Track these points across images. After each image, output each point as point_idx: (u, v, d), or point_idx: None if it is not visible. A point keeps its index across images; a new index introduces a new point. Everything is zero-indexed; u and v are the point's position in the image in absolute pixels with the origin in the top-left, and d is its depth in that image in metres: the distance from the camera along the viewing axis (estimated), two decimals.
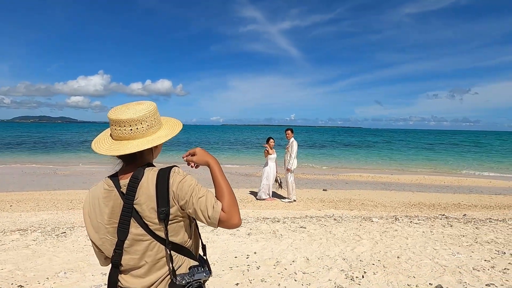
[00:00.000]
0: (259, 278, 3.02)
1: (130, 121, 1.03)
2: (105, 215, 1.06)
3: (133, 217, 1.02)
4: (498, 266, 3.28)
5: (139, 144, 1.03)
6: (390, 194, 8.83)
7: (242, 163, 17.27)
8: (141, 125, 1.05)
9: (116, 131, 1.05)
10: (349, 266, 3.30)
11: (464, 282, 2.92)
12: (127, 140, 1.05)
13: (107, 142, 1.08)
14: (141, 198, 1.01)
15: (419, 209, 6.89)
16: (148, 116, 1.06)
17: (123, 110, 1.06)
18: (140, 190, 1.02)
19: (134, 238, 1.04)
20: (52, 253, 3.67)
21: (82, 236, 4.31)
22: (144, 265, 1.05)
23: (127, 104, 1.10)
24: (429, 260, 3.46)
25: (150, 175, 1.03)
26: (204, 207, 1.02)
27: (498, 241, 4.15)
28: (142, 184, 1.02)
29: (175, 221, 1.05)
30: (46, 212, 6.09)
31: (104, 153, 1.04)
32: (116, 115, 1.04)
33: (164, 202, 1.00)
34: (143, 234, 1.03)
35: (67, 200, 7.32)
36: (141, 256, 1.05)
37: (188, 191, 1.03)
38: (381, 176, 12.72)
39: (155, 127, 1.08)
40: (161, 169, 1.05)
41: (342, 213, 6.24)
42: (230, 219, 1.03)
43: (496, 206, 7.34)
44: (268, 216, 5.65)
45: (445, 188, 10.15)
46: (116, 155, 1.06)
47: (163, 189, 1.01)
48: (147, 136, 1.06)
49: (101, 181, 1.10)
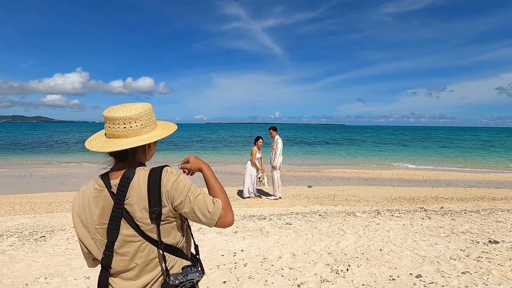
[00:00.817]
0: (247, 275, 3.04)
1: (124, 119, 1.03)
2: (95, 216, 1.04)
3: (124, 217, 1.00)
4: (473, 255, 3.46)
5: (132, 142, 1.03)
6: (373, 189, 9.10)
7: (227, 161, 17.22)
8: (135, 123, 1.05)
9: (110, 129, 1.05)
10: (334, 260, 3.38)
11: (441, 271, 3.07)
12: (120, 138, 1.04)
13: (101, 140, 1.08)
14: (132, 198, 1.00)
15: (399, 203, 7.14)
16: (143, 116, 1.06)
17: (118, 108, 1.06)
18: (131, 190, 1.00)
19: (124, 239, 1.02)
20: (31, 258, 3.52)
21: (62, 240, 4.16)
22: (135, 267, 1.03)
23: (123, 104, 1.10)
24: (409, 251, 3.60)
25: (142, 175, 1.02)
26: (203, 204, 1.03)
27: (472, 231, 4.38)
28: (133, 184, 1.00)
29: (167, 221, 1.04)
30: (23, 216, 5.83)
31: (97, 150, 1.03)
32: (110, 113, 1.04)
33: (156, 202, 0.99)
34: (134, 235, 1.01)
35: (45, 202, 7.04)
36: (131, 258, 1.03)
37: (184, 191, 1.02)
38: (363, 172, 13.08)
39: (149, 127, 1.08)
40: (153, 169, 1.05)
41: (327, 208, 6.37)
42: (226, 216, 1.05)
43: (470, 198, 7.73)
44: (254, 214, 5.68)
45: (423, 182, 10.57)
46: (108, 152, 1.06)
47: (155, 189, 1.00)
48: (140, 135, 1.06)
49: (91, 180, 1.08)
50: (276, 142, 7.46)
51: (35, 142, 31.86)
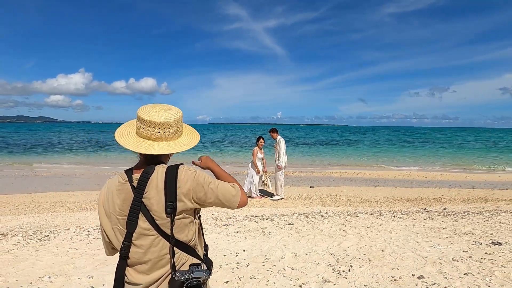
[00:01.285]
0: (249, 275, 3.05)
1: (160, 124, 1.11)
2: (117, 207, 1.11)
3: (142, 211, 1.07)
4: (475, 256, 3.45)
5: (165, 147, 1.12)
6: (375, 190, 9.08)
7: (229, 162, 17.24)
8: (169, 130, 1.13)
9: (145, 131, 1.12)
10: (336, 261, 3.38)
11: (444, 272, 3.06)
12: (153, 141, 1.12)
13: (132, 137, 1.14)
14: (151, 192, 1.07)
15: (402, 204, 7.13)
16: (176, 123, 1.15)
17: (154, 113, 1.12)
18: (149, 185, 1.07)
19: (141, 232, 1.09)
20: (35, 258, 3.56)
21: (66, 239, 4.20)
22: (148, 261, 1.09)
23: (156, 106, 1.16)
24: (411, 252, 3.60)
25: (160, 171, 1.10)
26: (226, 191, 1.14)
27: (475, 232, 4.36)
28: (152, 179, 1.08)
29: (180, 217, 1.09)
30: (27, 216, 5.89)
31: (131, 148, 1.11)
32: (149, 117, 1.11)
33: (172, 197, 1.06)
34: (149, 229, 1.07)
35: (49, 202, 7.10)
36: (145, 251, 1.09)
37: (205, 183, 1.12)
38: (366, 172, 13.05)
39: (178, 133, 1.18)
40: (170, 166, 1.12)
41: (329, 209, 6.37)
42: (243, 197, 1.18)
43: (473, 200, 7.69)
44: (256, 214, 5.69)
45: (426, 183, 10.52)
46: (139, 152, 1.12)
47: (172, 184, 1.07)
48: (171, 140, 1.15)
49: (117, 174, 1.17)
50: (279, 142, 7.48)
51: (39, 142, 32.10)
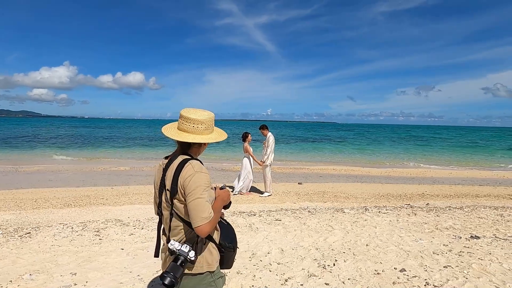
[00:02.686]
0: (235, 271, 3.06)
1: (194, 120, 1.43)
2: (156, 181, 1.51)
3: (164, 187, 1.42)
4: (455, 250, 3.58)
5: (195, 138, 1.43)
6: (361, 186, 9.25)
7: (218, 158, 17.17)
8: (201, 125, 1.44)
9: (182, 125, 1.45)
10: (322, 255, 3.44)
11: (425, 265, 3.16)
12: (187, 133, 1.44)
13: (173, 130, 1.48)
14: (168, 175, 1.41)
15: (387, 200, 7.29)
16: (207, 121, 1.46)
17: (193, 112, 1.45)
18: (169, 170, 1.41)
19: (163, 204, 1.45)
20: (16, 255, 3.46)
21: (48, 236, 4.10)
22: (167, 228, 1.46)
23: (196, 109, 1.49)
24: (394, 246, 3.69)
25: (177, 160, 1.41)
26: (202, 208, 1.31)
27: (455, 227, 4.52)
28: (172, 165, 1.41)
29: (178, 199, 1.38)
30: (7, 213, 5.71)
31: (170, 136, 1.44)
32: (187, 114, 1.44)
33: (175, 181, 1.36)
34: (167, 202, 1.42)
35: (31, 199, 6.89)
36: (165, 220, 1.47)
37: (192, 187, 1.33)
38: (353, 169, 13.26)
39: (208, 130, 1.47)
40: (184, 158, 1.41)
41: (316, 205, 6.45)
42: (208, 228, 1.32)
43: (455, 195, 7.95)
44: (244, 210, 5.70)
45: (411, 180, 10.80)
46: (176, 140, 1.45)
47: (177, 172, 1.37)
48: (202, 134, 1.45)
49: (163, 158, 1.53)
50: (268, 139, 7.49)
51: (21, 137, 31.05)
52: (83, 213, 5.74)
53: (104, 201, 6.80)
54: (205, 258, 1.42)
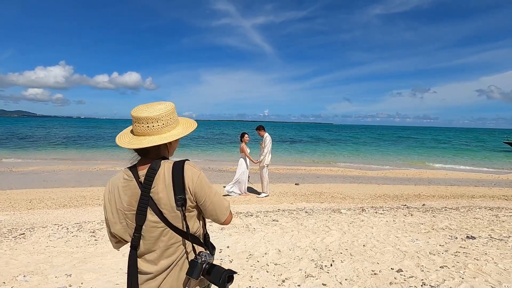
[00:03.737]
0: None
1: (147, 119, 1.16)
2: (124, 203, 1.17)
3: (149, 205, 1.13)
4: (451, 250, 3.60)
5: (153, 140, 1.16)
6: (358, 187, 9.28)
7: (216, 159, 17.14)
8: (157, 123, 1.17)
9: (136, 127, 1.18)
10: (319, 256, 3.43)
11: (421, 265, 3.17)
12: (144, 136, 1.17)
13: (128, 137, 1.21)
14: (158, 187, 1.13)
15: (383, 200, 7.32)
16: (164, 116, 1.18)
17: (143, 109, 1.19)
18: (157, 180, 1.13)
19: (150, 225, 1.15)
20: (9, 256, 3.41)
21: (43, 237, 4.05)
22: (157, 249, 1.16)
23: (149, 104, 1.22)
24: (391, 247, 3.70)
25: (166, 166, 1.15)
26: (221, 203, 1.22)
27: (451, 227, 4.54)
28: (159, 175, 1.13)
29: (188, 210, 1.17)
30: (1, 213, 5.64)
31: (124, 146, 1.17)
32: (136, 113, 1.17)
33: (181, 190, 1.13)
34: (158, 221, 1.14)
35: (25, 199, 6.82)
36: (155, 242, 1.16)
37: (205, 187, 1.19)
38: (350, 170, 13.30)
39: (170, 125, 1.20)
40: (176, 162, 1.18)
41: (313, 205, 6.45)
42: (231, 215, 1.27)
43: (451, 196, 8.01)
44: (241, 211, 5.69)
45: (407, 181, 10.86)
46: (133, 149, 1.18)
47: (179, 178, 1.13)
48: (161, 133, 1.18)
49: (120, 171, 1.21)
50: (264, 140, 7.49)
51: (15, 137, 30.72)
52: (79, 213, 5.69)
53: (99, 201, 6.74)
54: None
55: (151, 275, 1.16)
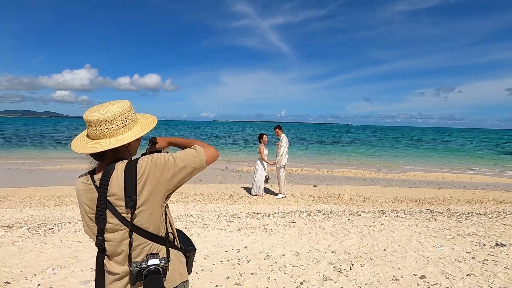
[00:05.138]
0: (250, 272, 3.06)
1: (100, 122, 1.09)
2: (86, 206, 1.14)
3: (108, 208, 1.08)
4: (479, 257, 3.42)
5: (107, 144, 1.09)
6: (378, 189, 9.03)
7: (233, 159, 17.27)
8: (111, 125, 1.10)
9: (89, 131, 1.12)
10: (338, 259, 3.38)
11: (446, 272, 3.04)
12: (98, 139, 1.11)
13: (83, 141, 1.15)
14: (113, 190, 1.08)
15: (405, 204, 7.08)
16: (118, 117, 1.11)
17: (95, 111, 1.12)
18: (111, 183, 1.08)
19: (111, 228, 1.11)
20: (40, 250, 3.61)
21: (70, 232, 4.25)
22: (122, 252, 1.12)
23: (101, 104, 1.15)
24: (413, 252, 3.58)
25: (119, 168, 1.09)
26: (187, 155, 1.14)
27: (479, 233, 4.32)
28: (113, 177, 1.08)
29: (146, 208, 1.10)
30: (32, 209, 5.97)
31: (78, 151, 1.11)
32: (88, 116, 1.10)
33: (131, 191, 1.06)
34: (118, 224, 1.09)
35: (53, 196, 7.18)
36: (118, 244, 1.12)
37: (165, 162, 1.11)
38: (369, 172, 12.98)
39: (126, 126, 1.13)
40: (130, 161, 1.11)
41: (331, 207, 6.35)
42: (209, 150, 1.18)
43: (478, 201, 7.62)
44: (258, 212, 5.70)
45: (430, 184, 10.44)
46: (88, 153, 1.13)
47: (131, 178, 1.07)
48: (117, 135, 1.12)
49: (83, 176, 1.18)
50: (281, 141, 7.47)
51: (44, 136, 32.42)
52: None
53: None
54: (177, 268, 1.20)
55: (118, 276, 1.14)
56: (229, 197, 7.56)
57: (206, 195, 7.68)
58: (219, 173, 11.51)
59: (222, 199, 7.32)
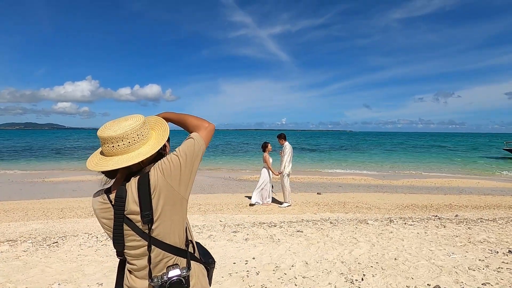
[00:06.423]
0: (259, 284, 2.99)
1: (112, 139, 1.07)
2: (105, 225, 1.14)
3: (128, 225, 1.07)
4: (492, 265, 3.35)
5: (118, 161, 1.06)
6: (383, 196, 8.94)
7: (235, 168, 17.22)
8: (122, 142, 1.07)
9: (104, 148, 1.10)
10: (348, 269, 3.31)
11: (460, 282, 2.97)
12: (110, 156, 1.09)
13: (96, 157, 1.13)
14: (131, 208, 1.06)
15: (412, 211, 6.99)
16: (130, 133, 1.08)
17: (108, 127, 1.09)
18: (128, 201, 1.06)
19: (131, 246, 1.10)
20: (45, 264, 3.55)
21: (75, 246, 4.19)
22: (144, 267, 1.11)
23: (115, 120, 1.14)
24: (425, 261, 3.50)
25: (133, 184, 1.07)
26: (187, 146, 1.13)
27: (490, 240, 4.24)
28: (128, 195, 1.06)
29: (162, 220, 1.08)
30: (36, 222, 5.92)
31: (91, 168, 1.09)
32: (101, 133, 1.08)
33: (147, 206, 1.04)
34: (139, 240, 1.08)
35: (57, 208, 7.13)
36: (139, 259, 1.11)
37: (169, 162, 1.09)
38: (373, 178, 12.89)
39: (138, 143, 1.10)
40: (142, 175, 1.08)
41: (338, 216, 6.28)
42: (204, 127, 1.20)
43: (486, 206, 7.52)
44: (264, 221, 5.63)
45: (436, 189, 10.34)
46: (100, 171, 1.10)
47: (145, 193, 1.04)
48: (128, 152, 1.09)
49: (99, 192, 1.15)
50: (284, 149, 7.44)
51: (46, 148, 32.50)
52: None
53: None
54: (200, 281, 1.17)
55: None
56: (233, 206, 7.49)
57: (210, 205, 7.61)
58: (222, 183, 11.45)
59: (227, 208, 7.25)
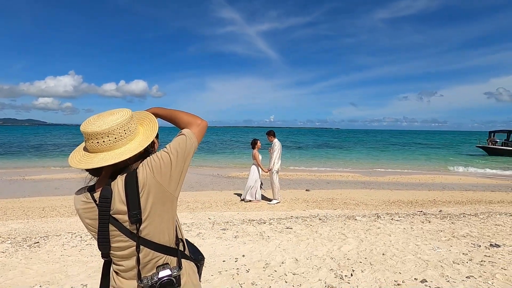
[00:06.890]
0: (250, 282, 2.97)
1: (96, 134, 0.99)
2: (89, 226, 1.07)
3: (115, 226, 1.01)
4: (475, 259, 3.45)
5: (103, 159, 0.99)
6: (370, 192, 9.11)
7: (224, 165, 17.12)
8: (108, 138, 1.00)
9: (87, 144, 1.03)
10: (338, 265, 3.33)
11: (446, 275, 3.04)
12: (95, 153, 1.02)
13: (79, 154, 1.05)
14: (117, 207, 1.00)
15: (398, 207, 7.15)
16: (116, 129, 1.00)
17: (92, 122, 1.02)
18: (114, 200, 0.99)
19: (118, 246, 1.04)
20: (25, 266, 3.40)
21: (57, 246, 4.04)
22: (131, 268, 1.06)
23: (100, 114, 1.06)
24: (412, 255, 3.57)
25: (119, 182, 1.00)
26: (178, 143, 1.07)
27: (472, 234, 4.38)
28: (114, 194, 0.99)
29: (151, 220, 1.02)
30: (15, 221, 5.67)
31: (73, 165, 1.02)
32: (84, 128, 1.01)
33: (135, 205, 0.98)
34: (127, 240, 1.03)
35: (38, 207, 6.87)
36: (126, 260, 1.06)
37: (159, 159, 1.03)
38: (360, 175, 13.11)
39: (125, 139, 1.03)
40: (129, 172, 1.01)
41: (326, 212, 6.33)
42: (196, 124, 1.15)
43: (467, 202, 7.78)
44: (254, 218, 5.61)
45: (420, 186, 10.62)
46: (83, 169, 1.02)
47: (132, 191, 0.98)
48: (114, 149, 1.01)
49: (81, 191, 1.08)
50: (273, 146, 7.43)
51: (27, 145, 31.31)
52: None
53: None
54: (191, 279, 1.13)
55: None
56: (222, 204, 7.43)
57: (199, 202, 7.53)
58: (211, 180, 11.35)
59: (216, 206, 7.19)
